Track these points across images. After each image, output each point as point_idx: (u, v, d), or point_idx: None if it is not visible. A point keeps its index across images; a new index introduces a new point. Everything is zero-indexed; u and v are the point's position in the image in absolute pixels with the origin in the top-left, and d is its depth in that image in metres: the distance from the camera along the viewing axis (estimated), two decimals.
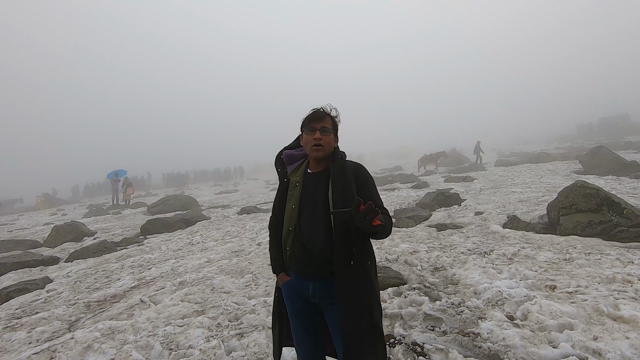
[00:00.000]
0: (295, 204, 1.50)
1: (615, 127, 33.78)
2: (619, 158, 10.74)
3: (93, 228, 10.16)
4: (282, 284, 1.58)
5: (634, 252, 3.64)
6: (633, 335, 2.15)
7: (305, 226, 1.48)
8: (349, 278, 1.40)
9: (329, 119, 1.52)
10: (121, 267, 5.30)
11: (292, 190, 1.54)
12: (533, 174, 11.88)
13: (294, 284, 1.54)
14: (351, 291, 1.40)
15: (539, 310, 2.56)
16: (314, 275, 1.48)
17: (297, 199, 1.51)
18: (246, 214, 9.76)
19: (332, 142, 1.53)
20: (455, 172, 16.77)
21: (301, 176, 1.55)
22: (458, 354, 2.19)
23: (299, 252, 1.49)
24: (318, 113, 1.51)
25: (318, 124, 1.49)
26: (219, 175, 39.66)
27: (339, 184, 1.45)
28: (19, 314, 3.68)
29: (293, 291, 1.55)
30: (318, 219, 1.46)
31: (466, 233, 5.22)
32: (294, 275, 1.53)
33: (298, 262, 1.50)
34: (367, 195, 1.47)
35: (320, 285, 1.47)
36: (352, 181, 1.48)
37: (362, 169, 1.56)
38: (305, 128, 1.51)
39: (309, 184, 1.53)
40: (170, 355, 2.48)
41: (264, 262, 4.68)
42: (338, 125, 1.59)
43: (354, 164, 1.56)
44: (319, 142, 1.47)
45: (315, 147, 1.48)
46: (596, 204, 4.72)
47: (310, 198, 1.50)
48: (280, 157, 1.65)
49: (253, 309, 3.14)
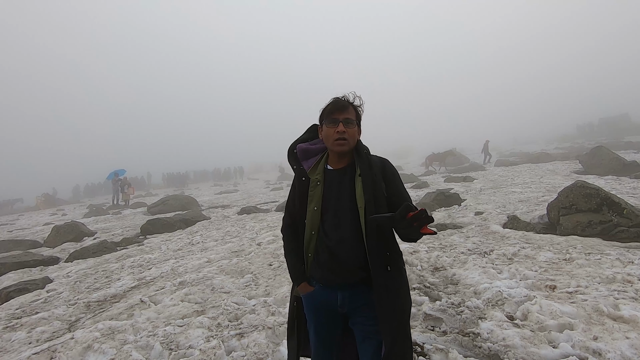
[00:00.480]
0: (317, 205, 1.34)
1: (615, 127, 33.76)
2: (619, 158, 10.74)
3: (93, 228, 10.16)
4: (305, 295, 1.42)
5: (634, 252, 3.64)
6: (633, 335, 2.15)
7: (331, 230, 1.32)
8: (387, 286, 1.28)
9: (352, 109, 1.35)
10: (121, 267, 5.30)
11: (313, 190, 1.36)
12: (533, 174, 11.88)
13: (319, 294, 1.38)
14: (391, 300, 1.27)
15: (539, 310, 2.56)
16: (343, 284, 1.34)
17: (320, 199, 1.34)
18: (246, 214, 9.76)
19: (356, 134, 1.38)
20: (455, 172, 16.77)
21: (321, 173, 1.38)
22: (458, 354, 2.19)
23: (326, 259, 1.33)
24: (340, 102, 1.34)
25: (341, 114, 1.32)
26: (219, 175, 39.67)
27: (368, 181, 1.30)
28: (19, 314, 3.68)
29: (318, 303, 1.39)
30: (345, 221, 1.31)
31: (466, 233, 5.22)
32: (318, 284, 1.38)
33: (325, 270, 1.35)
34: (396, 192, 1.35)
35: (349, 294, 1.34)
36: (381, 178, 1.35)
37: (389, 164, 1.42)
38: (326, 119, 1.34)
39: (331, 181, 1.37)
40: (170, 355, 2.48)
41: (264, 262, 4.68)
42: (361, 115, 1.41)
43: (379, 159, 1.41)
44: (343, 136, 1.31)
45: (339, 141, 1.31)
46: (596, 204, 4.72)
47: (335, 197, 1.34)
48: (294, 151, 1.46)
49: (253, 309, 3.14)
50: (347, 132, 1.32)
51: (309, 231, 1.36)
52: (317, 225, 1.35)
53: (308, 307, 1.43)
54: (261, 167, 51.73)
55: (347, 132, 1.32)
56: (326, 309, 1.39)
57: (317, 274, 1.38)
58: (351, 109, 1.36)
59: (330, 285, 1.35)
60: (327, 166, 1.41)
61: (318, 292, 1.39)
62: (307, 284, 1.41)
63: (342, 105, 1.33)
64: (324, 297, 1.37)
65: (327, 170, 1.40)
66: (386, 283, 1.28)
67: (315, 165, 1.41)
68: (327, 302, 1.37)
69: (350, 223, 1.31)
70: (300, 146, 1.46)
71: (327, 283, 1.36)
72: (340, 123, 1.31)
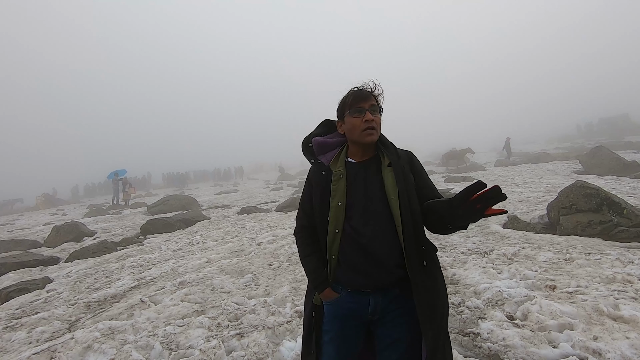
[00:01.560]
0: (341, 200, 1.22)
1: (615, 127, 33.78)
2: (619, 158, 10.74)
3: (93, 228, 10.16)
4: (329, 303, 1.28)
5: (634, 252, 3.64)
6: (633, 335, 2.14)
7: (361, 226, 1.20)
8: (426, 284, 1.18)
9: (378, 97, 1.29)
10: (121, 267, 5.29)
11: (336, 184, 1.25)
12: (533, 174, 11.89)
13: (346, 301, 1.24)
14: (432, 300, 1.18)
15: (539, 310, 2.56)
16: (376, 288, 1.21)
17: (344, 194, 1.23)
18: (246, 214, 9.76)
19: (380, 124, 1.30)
20: (455, 172, 16.77)
21: (343, 167, 1.28)
22: (458, 354, 2.19)
23: (356, 260, 1.21)
24: (364, 91, 1.26)
25: (366, 103, 1.24)
26: (219, 175, 39.66)
27: (399, 172, 1.22)
28: (19, 314, 3.68)
29: (345, 311, 1.25)
30: (377, 216, 1.20)
31: (466, 233, 5.22)
32: (345, 290, 1.25)
33: (353, 272, 1.22)
34: (426, 185, 1.30)
35: (382, 299, 1.21)
36: (409, 170, 1.28)
37: (414, 156, 1.35)
38: (351, 110, 1.25)
39: (355, 175, 1.27)
40: (170, 355, 2.48)
41: (264, 262, 4.69)
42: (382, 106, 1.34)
43: (404, 151, 1.35)
44: (372, 125, 1.23)
45: (368, 130, 1.23)
46: (596, 204, 4.72)
47: (361, 191, 1.24)
48: (309, 145, 1.37)
49: (253, 309, 3.14)
50: (375, 121, 1.24)
51: (333, 229, 1.23)
52: (341, 222, 1.22)
53: (333, 316, 1.28)
54: (261, 167, 51.77)
55: (375, 121, 1.24)
56: (353, 318, 1.25)
57: (344, 278, 1.24)
58: (378, 97, 1.29)
59: (361, 290, 1.22)
60: (348, 159, 1.31)
61: (345, 299, 1.24)
62: (332, 290, 1.27)
63: (366, 94, 1.26)
64: (352, 305, 1.23)
65: (350, 163, 1.30)
66: (424, 281, 1.18)
67: (335, 158, 1.31)
68: (356, 309, 1.23)
69: (383, 217, 1.20)
70: (316, 139, 1.36)
71: (358, 288, 1.22)
72: (367, 112, 1.23)
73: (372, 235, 1.19)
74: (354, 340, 1.27)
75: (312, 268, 1.31)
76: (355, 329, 1.27)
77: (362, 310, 1.23)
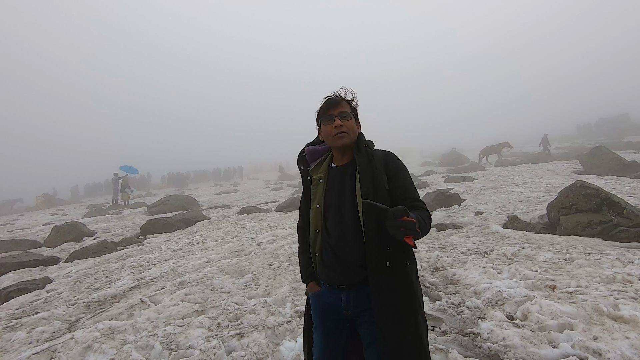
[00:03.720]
0: (319, 203, 1.34)
1: (615, 127, 33.77)
2: (619, 158, 10.74)
3: (93, 228, 10.16)
4: (311, 295, 1.41)
5: (634, 252, 3.64)
6: (633, 335, 2.14)
7: (332, 227, 1.31)
8: (387, 283, 1.22)
9: (345, 103, 1.36)
10: (121, 267, 5.30)
11: (315, 188, 1.38)
12: (533, 174, 11.89)
13: (324, 295, 1.37)
14: (390, 300, 1.21)
15: (539, 310, 2.56)
16: (349, 284, 1.30)
17: (322, 197, 1.34)
18: (246, 214, 9.76)
19: (355, 127, 1.37)
20: (455, 172, 16.77)
21: (325, 172, 1.38)
22: (458, 354, 2.19)
23: (328, 258, 1.32)
24: (332, 99, 1.35)
25: (335, 110, 1.33)
26: (219, 175, 39.65)
27: (367, 174, 1.28)
28: (19, 314, 3.68)
29: (323, 304, 1.38)
30: (346, 217, 1.29)
31: (466, 233, 5.22)
32: (325, 285, 1.37)
33: (327, 269, 1.33)
34: (400, 186, 1.31)
35: (354, 295, 1.29)
36: (383, 171, 1.31)
37: (393, 157, 1.38)
38: (323, 119, 1.36)
39: (334, 179, 1.37)
40: (170, 355, 2.48)
41: (264, 262, 4.69)
42: (357, 108, 1.42)
43: (382, 152, 1.38)
44: (341, 129, 1.31)
45: (339, 134, 1.31)
46: (596, 204, 4.72)
47: (336, 194, 1.33)
48: (303, 154, 1.48)
49: (253, 309, 3.14)
50: (345, 125, 1.32)
51: (314, 230, 1.36)
52: (320, 223, 1.34)
53: (315, 307, 1.41)
54: (261, 167, 51.76)
55: (345, 125, 1.32)
56: (333, 312, 1.35)
57: (322, 274, 1.37)
58: (344, 103, 1.36)
59: (335, 285, 1.33)
60: (332, 164, 1.41)
61: (324, 293, 1.37)
62: (315, 284, 1.40)
63: (335, 101, 1.35)
64: (329, 299, 1.35)
65: (331, 168, 1.40)
66: (384, 280, 1.22)
67: (318, 164, 1.43)
68: (332, 303, 1.34)
69: (351, 218, 1.28)
70: (309, 148, 1.48)
71: (332, 283, 1.33)
72: (336, 118, 1.32)
73: (339, 236, 1.30)
74: (337, 333, 1.36)
75: (303, 264, 1.46)
76: (337, 323, 1.36)
77: (336, 304, 1.33)
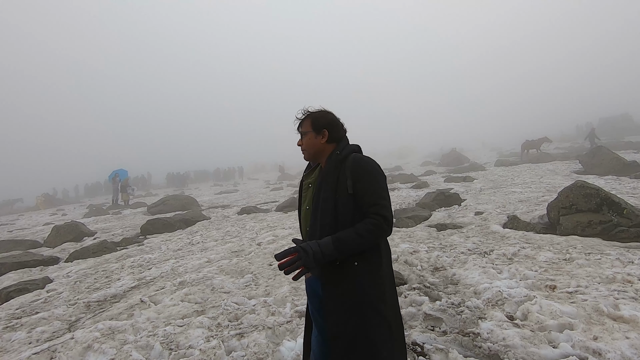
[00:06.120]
0: (309, 205, 1.55)
1: (615, 127, 33.75)
2: (619, 158, 10.75)
3: (93, 228, 10.16)
4: (306, 280, 1.61)
5: (634, 252, 3.64)
6: (633, 335, 2.15)
7: (310, 226, 1.51)
8: (333, 278, 1.38)
9: (305, 122, 1.55)
10: (121, 267, 5.30)
11: (305, 192, 1.62)
12: (533, 174, 11.89)
13: (309, 284, 1.59)
14: (335, 292, 1.37)
15: (539, 310, 2.56)
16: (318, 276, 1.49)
17: (310, 200, 1.55)
18: (246, 214, 9.76)
19: (314, 141, 1.52)
20: (455, 172, 16.77)
21: (315, 177, 1.58)
22: (458, 354, 2.19)
23: None
24: (295, 122, 1.59)
25: (300, 130, 1.58)
26: (219, 175, 39.64)
27: (329, 180, 1.44)
28: (19, 314, 3.68)
29: (308, 290, 1.60)
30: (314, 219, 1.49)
31: (466, 233, 5.22)
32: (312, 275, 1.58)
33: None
34: (363, 190, 1.38)
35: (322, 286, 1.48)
36: (349, 176, 1.40)
37: (362, 162, 1.43)
38: None
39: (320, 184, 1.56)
40: (170, 355, 2.48)
41: (264, 262, 4.69)
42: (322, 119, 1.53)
43: (354, 157, 1.45)
44: (302, 148, 1.57)
45: (302, 151, 1.58)
46: (596, 204, 4.73)
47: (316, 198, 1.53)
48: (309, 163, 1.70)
49: (253, 309, 3.14)
50: (304, 144, 1.55)
51: (304, 227, 1.57)
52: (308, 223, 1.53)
53: (306, 292, 1.63)
54: (261, 167, 51.72)
55: (304, 144, 1.55)
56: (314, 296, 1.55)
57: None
58: (304, 121, 1.55)
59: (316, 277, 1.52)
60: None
61: (309, 281, 1.58)
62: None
63: (297, 124, 1.58)
64: (311, 287, 1.57)
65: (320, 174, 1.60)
66: (332, 276, 1.38)
67: (311, 171, 1.65)
68: (313, 290, 1.55)
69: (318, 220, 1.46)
70: None
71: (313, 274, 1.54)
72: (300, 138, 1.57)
73: (308, 235, 1.51)
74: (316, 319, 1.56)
75: None
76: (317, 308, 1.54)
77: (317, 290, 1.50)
